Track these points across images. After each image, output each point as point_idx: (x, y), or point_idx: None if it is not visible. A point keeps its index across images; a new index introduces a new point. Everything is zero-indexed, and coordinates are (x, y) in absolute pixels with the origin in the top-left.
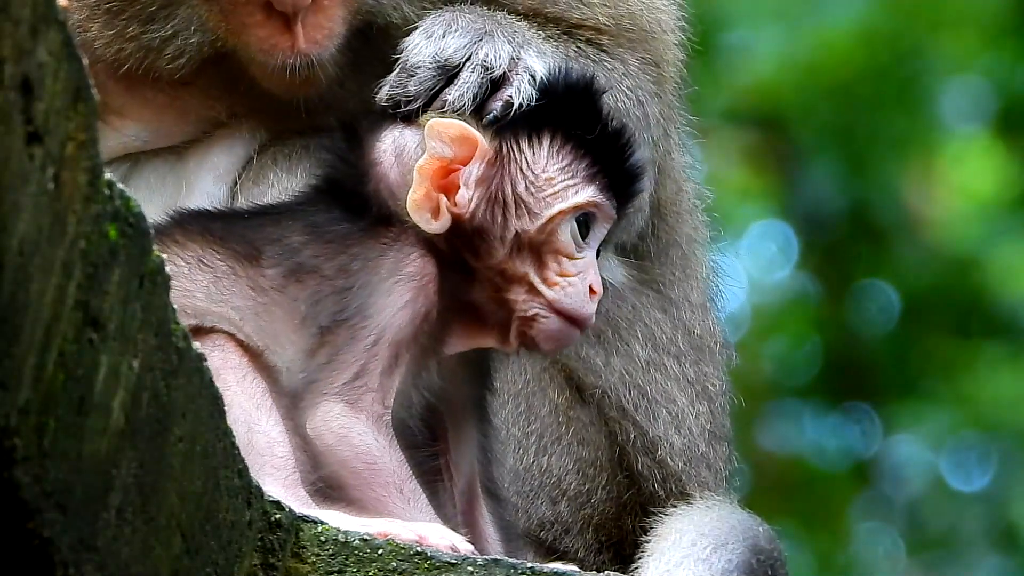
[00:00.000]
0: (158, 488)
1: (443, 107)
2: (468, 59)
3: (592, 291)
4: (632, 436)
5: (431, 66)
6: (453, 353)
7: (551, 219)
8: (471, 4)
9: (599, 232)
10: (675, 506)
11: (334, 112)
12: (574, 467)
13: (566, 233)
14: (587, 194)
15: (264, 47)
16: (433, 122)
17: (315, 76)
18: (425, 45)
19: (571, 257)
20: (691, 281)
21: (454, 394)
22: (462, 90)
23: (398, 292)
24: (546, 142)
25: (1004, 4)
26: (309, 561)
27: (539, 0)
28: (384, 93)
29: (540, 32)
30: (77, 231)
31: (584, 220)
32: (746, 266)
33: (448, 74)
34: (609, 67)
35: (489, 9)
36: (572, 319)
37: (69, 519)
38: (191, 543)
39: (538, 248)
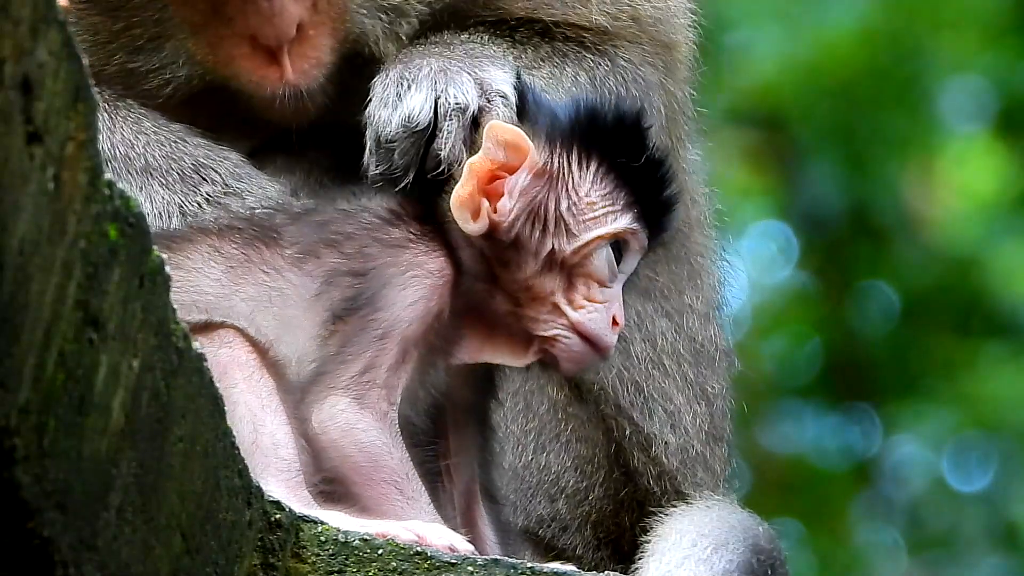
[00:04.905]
0: (158, 488)
1: (438, 167)
2: (436, 110)
3: (615, 322)
4: (628, 432)
5: (404, 135)
6: (463, 363)
7: (588, 243)
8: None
9: (631, 261)
10: (674, 505)
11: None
12: (572, 464)
13: (601, 258)
14: (625, 222)
15: (253, 79)
16: (493, 123)
17: (306, 104)
18: (388, 115)
19: (602, 284)
20: (696, 291)
21: (458, 395)
22: (450, 142)
23: (412, 287)
24: (594, 166)
25: (1004, 4)
26: (309, 561)
27: (513, 3)
28: (372, 173)
29: (507, 38)
30: (77, 231)
31: (617, 247)
32: (746, 266)
33: (426, 134)
34: (590, 65)
35: (449, 27)
36: (593, 344)
37: (69, 519)
38: (191, 543)
39: (570, 269)
